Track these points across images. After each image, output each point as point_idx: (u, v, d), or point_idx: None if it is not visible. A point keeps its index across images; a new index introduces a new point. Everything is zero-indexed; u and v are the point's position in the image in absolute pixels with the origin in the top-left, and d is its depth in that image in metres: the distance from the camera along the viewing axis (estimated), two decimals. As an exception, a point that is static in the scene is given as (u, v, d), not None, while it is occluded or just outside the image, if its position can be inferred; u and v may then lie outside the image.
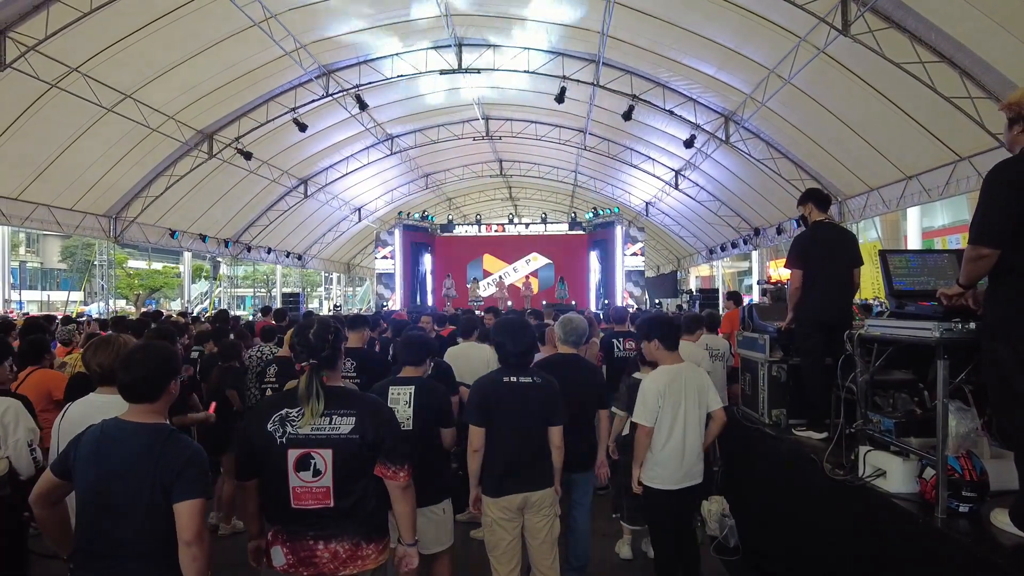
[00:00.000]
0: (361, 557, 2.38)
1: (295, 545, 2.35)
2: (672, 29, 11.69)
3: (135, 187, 15.54)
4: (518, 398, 3.23)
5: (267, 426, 2.36)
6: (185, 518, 2.05)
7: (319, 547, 2.34)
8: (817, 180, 14.01)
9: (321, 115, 16.41)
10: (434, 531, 3.36)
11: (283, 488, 2.33)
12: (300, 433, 2.33)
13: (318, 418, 2.34)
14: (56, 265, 44.38)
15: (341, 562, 2.35)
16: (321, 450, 2.32)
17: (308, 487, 2.32)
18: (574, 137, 19.89)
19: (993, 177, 2.34)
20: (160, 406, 2.21)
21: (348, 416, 2.37)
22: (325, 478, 2.32)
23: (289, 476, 2.32)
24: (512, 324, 3.46)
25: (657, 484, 3.61)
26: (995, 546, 2.27)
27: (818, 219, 4.22)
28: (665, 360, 3.70)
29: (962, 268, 2.48)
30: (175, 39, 11.32)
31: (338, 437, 2.33)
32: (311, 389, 2.36)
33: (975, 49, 8.37)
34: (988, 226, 2.32)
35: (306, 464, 2.32)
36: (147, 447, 2.10)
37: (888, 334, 2.93)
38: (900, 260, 3.14)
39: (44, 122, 11.68)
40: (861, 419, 3.18)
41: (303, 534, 2.35)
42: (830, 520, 3.30)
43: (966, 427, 2.55)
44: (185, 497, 2.06)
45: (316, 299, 42.45)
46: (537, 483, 3.26)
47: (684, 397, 3.60)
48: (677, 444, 3.58)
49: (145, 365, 2.16)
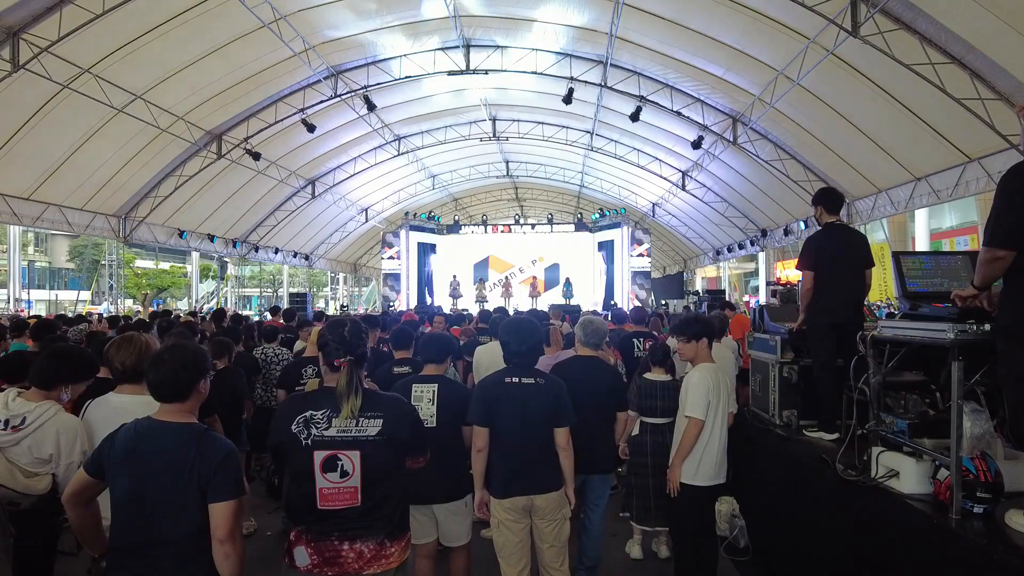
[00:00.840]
0: (385, 556, 2.39)
1: (320, 545, 2.35)
2: (680, 30, 11.69)
3: (144, 187, 15.65)
4: (519, 399, 3.20)
5: (291, 428, 2.36)
6: (220, 517, 2.09)
7: (344, 547, 2.34)
8: (825, 181, 13.98)
9: (329, 116, 16.49)
10: (457, 525, 3.46)
11: (310, 489, 2.33)
12: (326, 435, 2.34)
13: (345, 419, 2.34)
14: (64, 265, 44.60)
15: (366, 561, 2.36)
16: (348, 452, 2.33)
17: (336, 488, 2.33)
18: (581, 138, 19.90)
19: (1009, 179, 2.35)
20: (190, 405, 2.24)
21: (375, 418, 2.37)
22: (353, 479, 2.33)
23: (316, 478, 2.32)
24: (518, 324, 3.43)
25: (698, 481, 3.77)
26: (1011, 547, 2.27)
27: (829, 220, 4.22)
28: (708, 359, 3.89)
29: (977, 270, 2.48)
30: (185, 40, 11.40)
31: (365, 439, 2.34)
32: (352, 386, 2.35)
33: (985, 50, 8.35)
34: (1004, 228, 2.32)
35: (333, 465, 2.32)
36: (183, 446, 2.12)
37: (902, 335, 2.93)
38: (914, 262, 3.14)
39: (56, 123, 11.79)
40: (874, 420, 3.18)
41: (328, 534, 2.35)
42: (842, 521, 3.30)
43: (980, 428, 2.55)
44: (221, 498, 2.10)
45: (323, 299, 42.60)
46: (543, 486, 3.22)
47: (720, 396, 3.78)
48: (716, 441, 3.79)
49: (175, 364, 2.19)
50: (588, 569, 3.95)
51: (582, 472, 3.39)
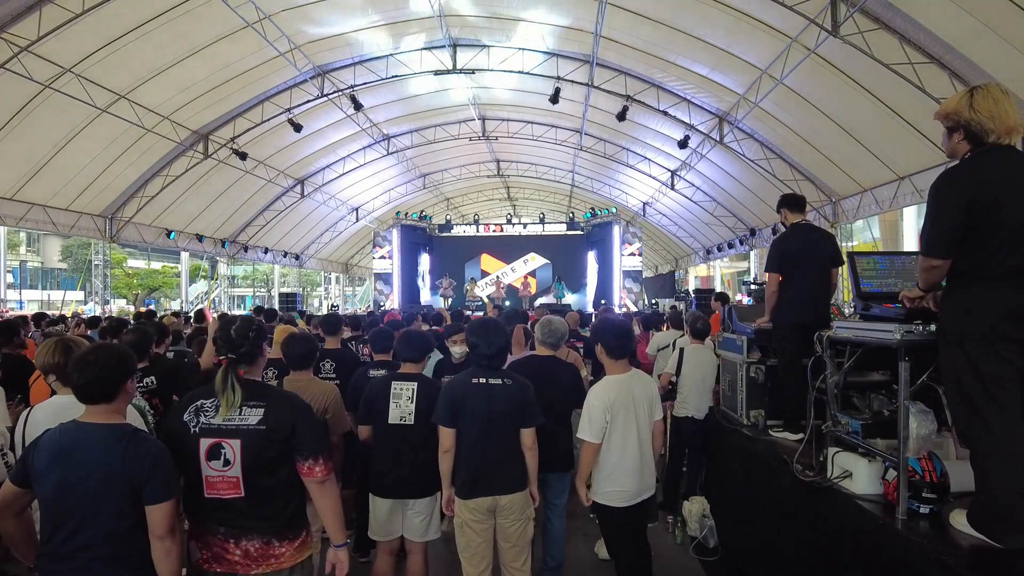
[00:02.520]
0: (274, 556, 2.37)
1: (207, 540, 2.37)
2: (665, 30, 11.70)
3: (131, 187, 15.59)
4: (486, 399, 3.20)
5: (183, 416, 2.39)
6: (158, 518, 2.11)
7: (229, 545, 2.35)
8: (811, 180, 14.04)
9: (317, 115, 16.45)
10: (424, 521, 3.52)
11: (196, 477, 2.35)
12: (212, 423, 2.35)
13: (232, 409, 2.36)
14: (57, 265, 44.45)
15: (253, 560, 2.35)
16: (230, 440, 2.34)
17: (220, 476, 2.34)
18: (570, 137, 19.89)
19: (938, 186, 2.35)
20: (117, 406, 2.23)
21: (257, 408, 2.39)
22: (234, 468, 2.33)
23: (201, 464, 2.34)
24: (485, 325, 3.44)
25: (613, 502, 3.39)
26: (950, 547, 2.28)
27: (795, 221, 4.23)
28: (614, 371, 3.46)
29: (919, 277, 2.50)
30: (169, 40, 11.36)
31: (246, 428, 2.35)
32: (226, 382, 2.38)
33: (963, 50, 8.39)
34: (936, 236, 2.33)
35: (216, 453, 2.34)
36: (111, 448, 2.11)
37: (853, 336, 2.94)
38: (868, 262, 3.15)
39: (38, 123, 11.72)
40: (830, 420, 3.19)
41: (214, 531, 2.36)
42: (801, 521, 3.31)
43: (927, 429, 2.56)
44: (158, 499, 2.12)
45: (316, 299, 42.50)
46: (508, 486, 3.23)
47: (629, 408, 3.36)
48: (631, 458, 3.36)
49: (98, 366, 2.18)
50: (552, 569, 3.95)
51: (540, 470, 3.38)
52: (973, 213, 2.22)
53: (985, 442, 2.28)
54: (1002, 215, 2.21)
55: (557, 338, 4.03)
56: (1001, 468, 2.23)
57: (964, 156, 2.35)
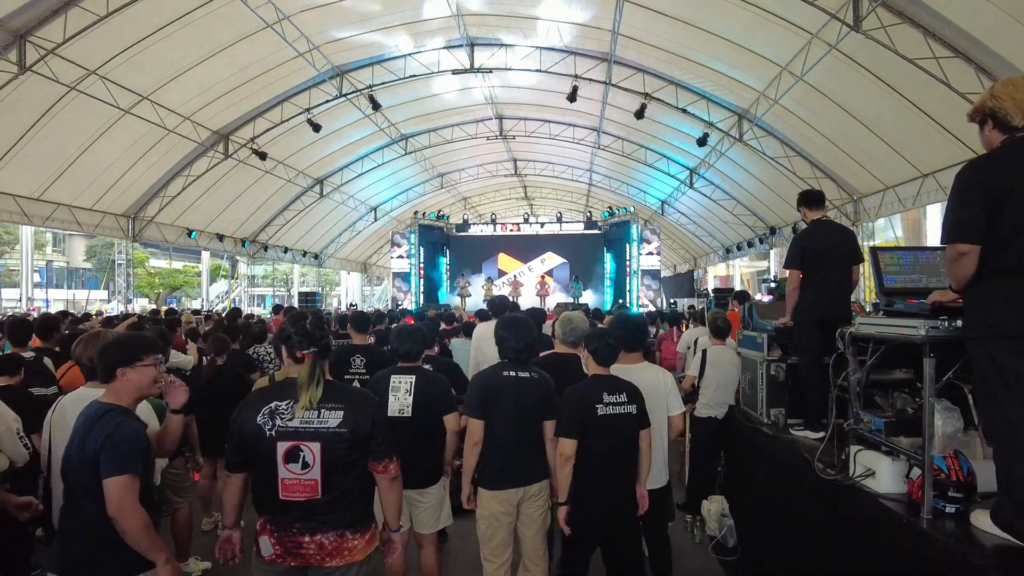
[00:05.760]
0: (347, 548, 2.40)
1: (282, 536, 2.38)
2: (683, 26, 11.63)
3: (152, 187, 15.84)
4: (516, 392, 3.26)
5: (257, 419, 2.38)
6: (108, 493, 2.15)
7: (304, 539, 2.36)
8: (832, 178, 13.86)
9: (335, 115, 16.57)
10: (430, 512, 3.54)
11: (272, 479, 2.36)
12: (289, 426, 2.36)
13: (308, 411, 2.35)
14: (81, 264, 45.22)
15: (327, 553, 2.37)
16: (310, 443, 2.34)
17: (297, 479, 2.34)
18: (588, 136, 19.84)
19: (961, 173, 2.30)
20: (115, 387, 2.34)
21: (336, 410, 2.39)
22: (313, 471, 2.34)
23: (278, 468, 2.34)
24: (515, 321, 3.52)
25: None
26: (978, 548, 2.23)
27: (815, 218, 4.17)
28: (623, 361, 3.55)
29: (949, 273, 2.43)
30: (190, 41, 11.52)
31: (326, 431, 2.36)
32: (314, 377, 2.38)
33: (990, 43, 8.21)
34: (963, 222, 2.27)
35: (295, 456, 2.34)
36: (85, 422, 2.24)
37: (877, 332, 2.89)
38: (891, 257, 3.09)
39: (64, 124, 11.94)
40: (852, 418, 3.14)
41: (290, 526, 2.37)
42: (822, 521, 3.27)
43: (952, 426, 2.51)
44: (107, 474, 2.16)
45: (335, 298, 42.81)
46: (533, 477, 3.31)
47: None
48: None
49: (96, 350, 2.39)
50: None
51: None
52: (994, 200, 2.18)
53: (1008, 439, 2.23)
54: (1022, 204, 2.17)
55: (577, 336, 4.01)
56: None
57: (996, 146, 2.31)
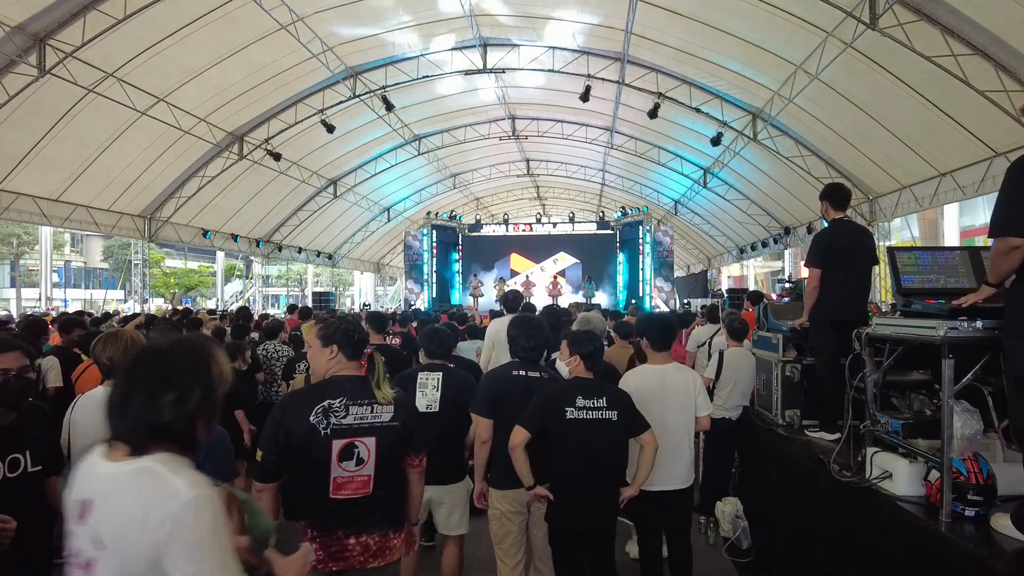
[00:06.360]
0: (389, 548, 2.44)
1: (326, 539, 2.37)
2: (697, 25, 11.55)
3: (169, 188, 15.99)
4: (526, 391, 3.25)
5: (309, 418, 2.35)
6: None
7: (350, 541, 2.38)
8: (847, 178, 13.71)
9: (349, 116, 16.63)
10: (455, 511, 3.54)
11: (323, 480, 2.36)
12: (344, 423, 2.37)
13: (361, 406, 2.40)
14: (99, 264, 45.78)
15: (372, 554, 2.39)
16: (364, 438, 2.38)
17: (350, 476, 2.37)
18: (601, 136, 19.78)
19: (1017, 168, 2.25)
20: None
21: (387, 404, 2.45)
22: (368, 466, 2.39)
23: (332, 467, 2.35)
24: (527, 321, 3.53)
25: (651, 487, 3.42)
26: (997, 551, 2.20)
27: (836, 217, 4.11)
28: (654, 360, 3.66)
29: (991, 265, 2.37)
30: (205, 44, 11.62)
31: (380, 425, 2.41)
32: (384, 372, 2.49)
33: (1010, 41, 8.09)
34: (1017, 216, 2.22)
35: (350, 453, 2.37)
36: None
37: (894, 333, 2.86)
38: (909, 258, 3.06)
39: (82, 126, 12.08)
40: (869, 420, 3.11)
41: (334, 529, 2.37)
42: (837, 522, 3.24)
43: (972, 429, 2.48)
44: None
45: (348, 298, 43.02)
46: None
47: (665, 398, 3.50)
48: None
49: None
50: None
51: None
52: None
53: None
54: None
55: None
56: None
57: None
